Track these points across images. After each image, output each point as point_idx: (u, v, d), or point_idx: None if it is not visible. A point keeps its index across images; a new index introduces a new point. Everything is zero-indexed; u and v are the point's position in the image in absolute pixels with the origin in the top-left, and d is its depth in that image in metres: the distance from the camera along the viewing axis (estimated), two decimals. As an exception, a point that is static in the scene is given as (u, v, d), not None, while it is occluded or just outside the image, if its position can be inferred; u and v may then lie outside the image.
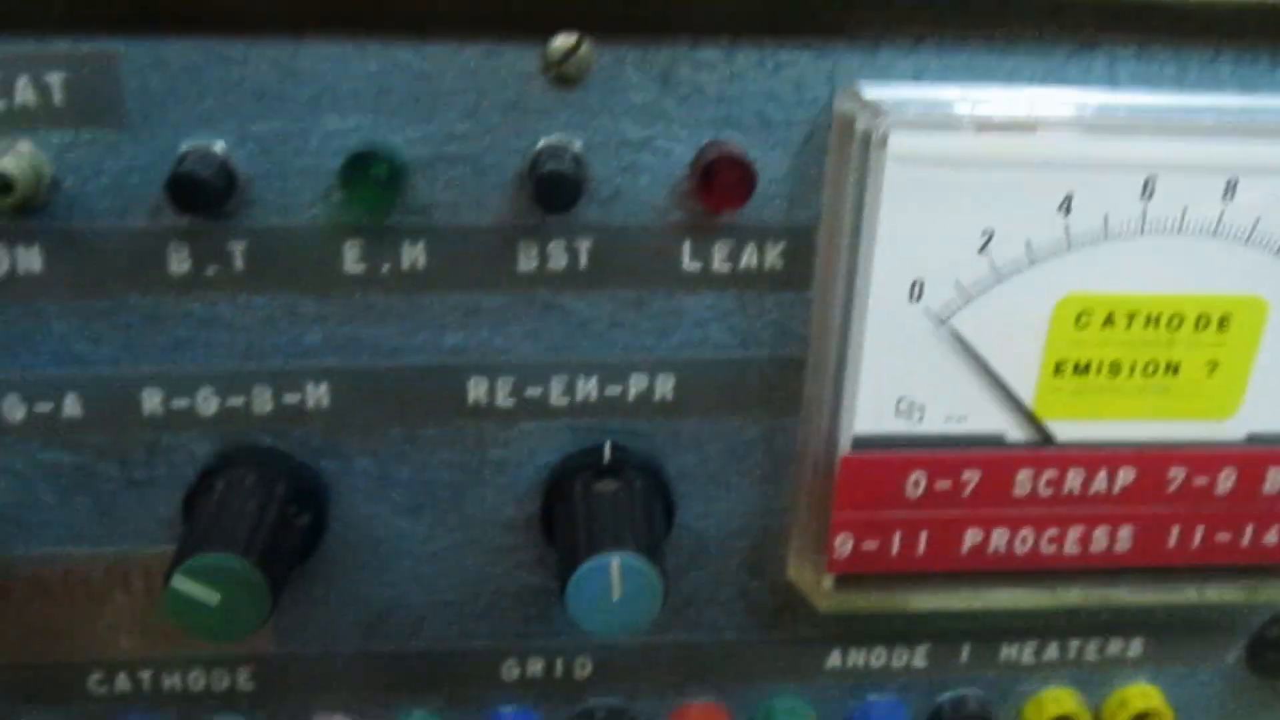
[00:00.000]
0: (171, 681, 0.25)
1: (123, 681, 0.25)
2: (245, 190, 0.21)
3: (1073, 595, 0.25)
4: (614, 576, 0.20)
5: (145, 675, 0.25)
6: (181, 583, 0.20)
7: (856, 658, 0.27)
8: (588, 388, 0.23)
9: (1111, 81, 0.21)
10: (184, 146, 0.20)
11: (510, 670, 0.26)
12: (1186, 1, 0.20)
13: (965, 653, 0.27)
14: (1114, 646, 0.27)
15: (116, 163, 0.20)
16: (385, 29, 0.20)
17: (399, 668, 0.26)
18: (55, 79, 0.20)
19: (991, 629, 0.27)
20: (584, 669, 0.26)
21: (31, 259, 0.21)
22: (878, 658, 0.27)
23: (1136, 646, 0.27)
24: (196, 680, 0.25)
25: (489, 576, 0.25)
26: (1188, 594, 0.25)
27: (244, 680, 0.26)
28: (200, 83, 0.20)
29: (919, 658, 0.27)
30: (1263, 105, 0.22)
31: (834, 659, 0.27)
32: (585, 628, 0.21)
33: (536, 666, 0.26)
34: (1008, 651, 0.27)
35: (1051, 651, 0.27)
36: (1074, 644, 0.27)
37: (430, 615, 0.25)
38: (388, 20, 0.20)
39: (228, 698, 0.26)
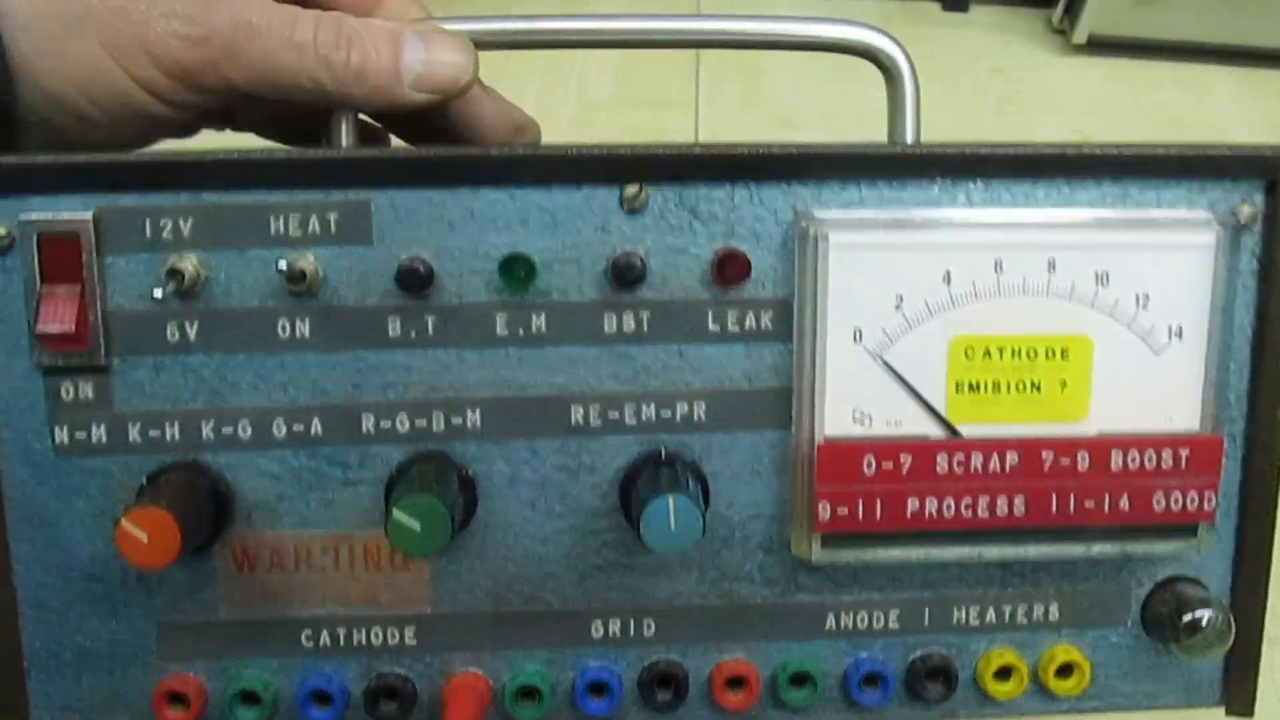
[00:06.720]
0: (358, 636, 0.36)
1: (324, 637, 0.36)
2: (438, 281, 0.34)
3: (993, 553, 0.35)
4: (671, 509, 0.32)
5: (340, 631, 0.36)
6: (398, 514, 0.31)
7: (846, 620, 0.37)
8: (649, 412, 0.35)
9: (968, 201, 0.34)
10: (404, 256, 0.34)
11: (596, 629, 0.36)
12: (999, 154, 0.34)
13: (926, 616, 0.37)
14: (1038, 610, 0.37)
15: (363, 266, 0.34)
16: (527, 183, 0.34)
17: (517, 626, 0.36)
18: (332, 216, 0.33)
19: (943, 598, 0.37)
20: (649, 628, 0.36)
21: (304, 326, 0.34)
22: (861, 620, 0.37)
23: (1055, 611, 0.37)
24: (376, 635, 0.36)
25: (583, 553, 0.36)
26: (1077, 550, 0.35)
27: (409, 636, 0.36)
28: (415, 216, 0.34)
29: (893, 620, 0.37)
30: (1069, 214, 0.35)
31: (830, 621, 0.37)
32: (653, 546, 0.32)
33: (615, 626, 0.36)
34: (958, 615, 0.37)
35: (990, 615, 0.37)
36: (1005, 609, 0.37)
37: (541, 584, 0.36)
38: (529, 178, 0.33)
39: (396, 650, 0.36)
